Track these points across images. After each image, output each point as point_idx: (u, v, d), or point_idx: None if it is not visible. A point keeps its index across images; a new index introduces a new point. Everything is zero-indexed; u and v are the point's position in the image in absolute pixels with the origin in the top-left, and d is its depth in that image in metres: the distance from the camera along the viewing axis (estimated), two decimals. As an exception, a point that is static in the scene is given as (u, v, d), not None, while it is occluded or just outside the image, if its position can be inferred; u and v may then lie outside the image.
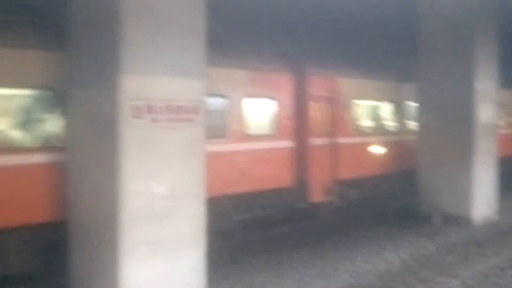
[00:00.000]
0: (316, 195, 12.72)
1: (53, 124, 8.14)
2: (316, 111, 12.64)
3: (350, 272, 9.58)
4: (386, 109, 15.21)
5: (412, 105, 15.47)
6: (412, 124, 15.43)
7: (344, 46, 14.84)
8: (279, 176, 11.81)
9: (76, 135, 7.67)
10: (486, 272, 9.63)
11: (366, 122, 14.61)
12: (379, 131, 14.87)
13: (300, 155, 12.28)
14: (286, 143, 11.99)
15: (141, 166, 6.89)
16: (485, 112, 13.49)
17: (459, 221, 13.00)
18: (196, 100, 7.48)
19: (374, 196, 14.66)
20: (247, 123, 11.15)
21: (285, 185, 12.01)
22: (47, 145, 8.02)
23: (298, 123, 12.23)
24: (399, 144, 15.14)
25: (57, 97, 7.99)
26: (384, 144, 14.71)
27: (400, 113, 15.40)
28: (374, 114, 14.94)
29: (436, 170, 13.58)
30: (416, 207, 13.98)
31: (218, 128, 10.39)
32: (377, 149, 14.50)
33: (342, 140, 13.35)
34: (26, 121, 8.04)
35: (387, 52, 16.41)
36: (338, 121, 13.28)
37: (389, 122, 15.27)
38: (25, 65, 7.82)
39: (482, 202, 13.47)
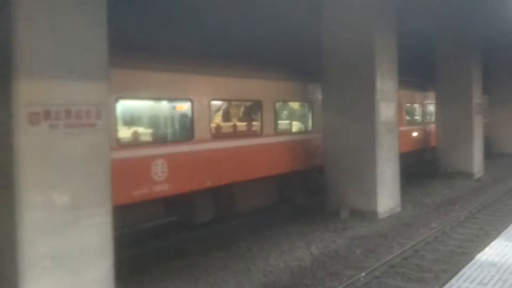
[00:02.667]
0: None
1: None
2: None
3: (263, 271, 9.67)
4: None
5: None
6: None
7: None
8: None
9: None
10: (391, 263, 10.07)
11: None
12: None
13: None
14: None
15: (40, 176, 6.54)
16: (386, 111, 14.13)
17: (366, 215, 13.53)
18: (98, 104, 7.21)
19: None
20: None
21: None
22: None
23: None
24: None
25: None
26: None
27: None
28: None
29: (342, 167, 14.04)
30: (324, 203, 14.37)
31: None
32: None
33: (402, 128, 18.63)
34: None
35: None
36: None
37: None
38: None
39: (386, 196, 14.10)
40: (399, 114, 16.44)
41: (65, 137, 6.80)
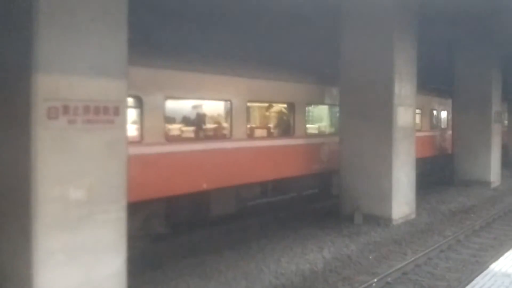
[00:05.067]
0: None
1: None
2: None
3: (275, 273, 9.66)
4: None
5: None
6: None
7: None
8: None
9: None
10: (404, 270, 10.00)
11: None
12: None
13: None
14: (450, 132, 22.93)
15: (56, 170, 6.60)
16: (404, 116, 14.03)
17: (380, 220, 13.44)
18: (117, 101, 7.26)
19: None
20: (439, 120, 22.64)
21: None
22: None
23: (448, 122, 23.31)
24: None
25: None
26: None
27: None
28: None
29: (357, 172, 13.96)
30: (338, 208, 14.31)
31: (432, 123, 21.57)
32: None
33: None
34: None
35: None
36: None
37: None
38: None
39: (402, 202, 13.99)
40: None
41: (82, 132, 6.86)
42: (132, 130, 9.90)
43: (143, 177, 9.82)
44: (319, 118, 16.12)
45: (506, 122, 28.54)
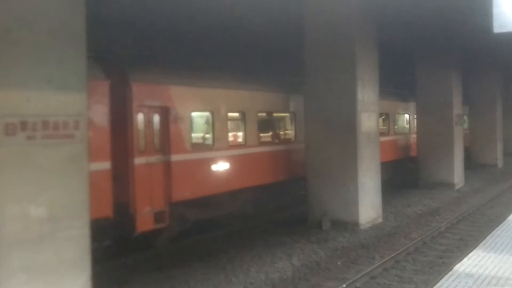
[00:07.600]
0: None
1: None
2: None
3: (244, 283, 9.62)
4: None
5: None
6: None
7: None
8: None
9: None
10: (372, 274, 10.08)
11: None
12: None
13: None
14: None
15: (16, 187, 6.43)
16: (367, 121, 14.21)
17: (347, 226, 13.53)
18: (77, 115, 7.13)
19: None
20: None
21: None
22: None
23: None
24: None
25: None
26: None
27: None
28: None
29: (324, 178, 14.05)
30: (306, 214, 14.36)
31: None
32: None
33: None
34: None
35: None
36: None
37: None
38: None
39: (368, 206, 14.14)
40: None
41: (42, 148, 6.71)
42: (240, 137, 13.95)
43: (248, 170, 13.54)
44: None
45: (467, 125, 29.15)
